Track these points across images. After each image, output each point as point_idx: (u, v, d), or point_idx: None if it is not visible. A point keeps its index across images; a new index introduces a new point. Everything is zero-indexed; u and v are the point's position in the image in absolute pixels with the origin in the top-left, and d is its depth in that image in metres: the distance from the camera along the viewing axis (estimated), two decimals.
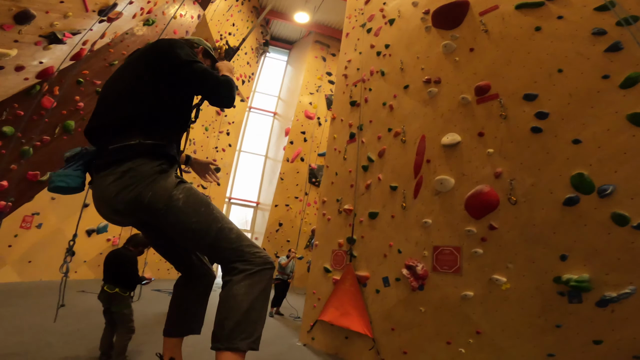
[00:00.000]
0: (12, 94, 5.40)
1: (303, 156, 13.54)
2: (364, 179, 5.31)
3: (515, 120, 3.83)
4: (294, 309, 8.14)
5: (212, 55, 1.94)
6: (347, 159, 5.69)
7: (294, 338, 5.90)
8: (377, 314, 4.65)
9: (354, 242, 5.23)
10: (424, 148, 4.49)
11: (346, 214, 5.47)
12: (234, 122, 14.16)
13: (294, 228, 13.34)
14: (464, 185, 4.11)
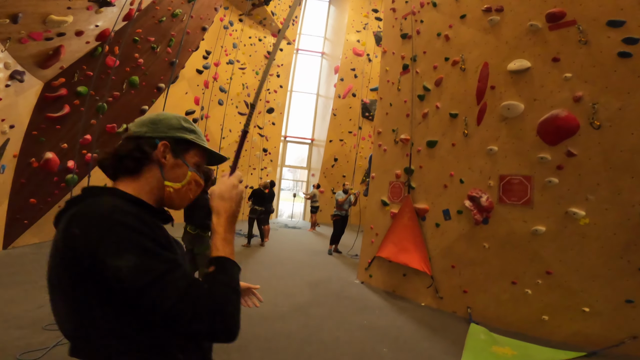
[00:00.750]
0: (79, 57, 5.80)
1: (354, 92, 13.41)
2: (421, 108, 5.05)
3: (598, 46, 3.40)
4: (344, 247, 8.49)
5: (191, 143, 1.01)
6: (401, 90, 5.45)
7: (352, 275, 6.16)
8: (436, 250, 4.63)
9: (412, 173, 5.08)
10: (487, 75, 4.15)
11: (403, 144, 5.27)
12: (282, 64, 14.29)
13: (349, 163, 13.44)
14: (535, 110, 3.73)
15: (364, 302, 4.74)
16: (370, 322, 4.06)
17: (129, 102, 7.37)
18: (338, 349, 3.33)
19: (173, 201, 0.98)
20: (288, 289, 5.06)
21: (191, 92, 10.35)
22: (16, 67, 4.90)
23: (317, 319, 4.02)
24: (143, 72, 7.31)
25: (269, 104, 13.71)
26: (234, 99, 12.36)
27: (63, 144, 5.94)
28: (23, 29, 4.51)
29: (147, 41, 7.07)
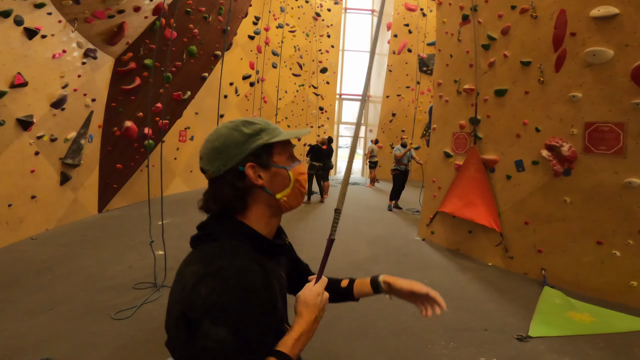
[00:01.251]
0: (141, 32, 6.12)
1: (410, 47, 12.95)
2: (485, 57, 4.68)
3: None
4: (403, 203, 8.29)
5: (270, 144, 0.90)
6: (462, 41, 5.09)
7: (413, 232, 6.04)
8: (507, 204, 4.34)
9: (478, 123, 4.74)
10: (564, 21, 3.77)
11: (467, 94, 4.92)
12: (332, 24, 14.17)
13: (408, 117, 13.13)
14: (628, 56, 3.30)
15: (424, 260, 4.67)
16: (431, 280, 4.00)
17: (190, 70, 7.69)
18: (397, 307, 3.28)
19: (292, 205, 0.93)
20: (347, 246, 5.15)
21: (246, 58, 10.57)
22: (88, 45, 5.31)
23: None
24: (199, 41, 7.54)
25: (322, 64, 13.63)
26: (287, 62, 12.50)
27: (139, 113, 6.47)
28: (86, 9, 4.80)
29: (198, 11, 7.21)
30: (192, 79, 7.92)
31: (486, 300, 3.54)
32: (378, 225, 6.48)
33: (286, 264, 1.08)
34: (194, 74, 7.95)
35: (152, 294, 3.29)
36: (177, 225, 5.67)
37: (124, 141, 6.32)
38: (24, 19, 4.07)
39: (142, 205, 6.80)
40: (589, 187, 3.56)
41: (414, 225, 6.48)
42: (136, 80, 6.31)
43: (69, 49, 4.93)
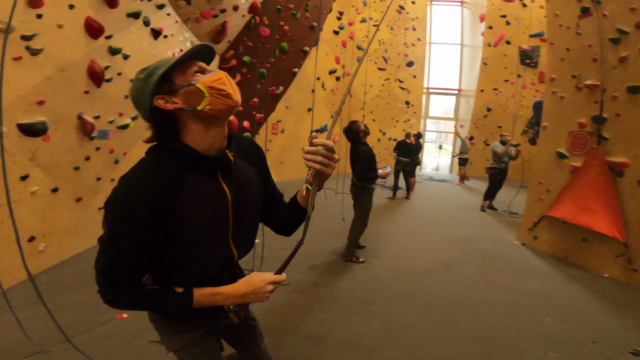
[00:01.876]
0: (239, 31, 6.58)
1: (509, 39, 11.92)
2: (615, 52, 4.10)
3: None
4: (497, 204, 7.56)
5: (165, 74, 0.97)
6: (582, 34, 4.52)
7: (510, 236, 5.57)
8: (636, 213, 3.78)
9: (604, 122, 4.14)
10: None
11: (589, 90, 4.33)
12: (417, 17, 13.64)
13: (506, 113, 12.08)
14: None
15: (523, 266, 4.29)
16: (530, 287, 3.68)
17: (282, 66, 8.10)
18: (487, 311, 3.14)
19: (218, 109, 0.98)
20: (434, 245, 4.96)
21: (331, 53, 10.76)
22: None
23: (465, 279, 3.84)
24: (289, 38, 7.86)
25: (408, 58, 13.17)
26: (371, 56, 12.40)
27: (239, 107, 7.03)
28: (196, 9, 5.32)
29: (287, 9, 7.51)
30: (284, 75, 8.32)
31: (597, 311, 3.18)
32: (468, 226, 6.09)
33: (243, 180, 1.12)
34: (286, 70, 8.34)
35: None
36: None
37: None
38: (150, 19, 4.54)
39: None
40: None
41: (511, 228, 5.96)
42: (237, 76, 6.85)
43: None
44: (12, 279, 3.03)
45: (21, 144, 3.08)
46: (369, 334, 2.72)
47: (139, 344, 2.43)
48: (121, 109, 4.31)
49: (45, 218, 3.39)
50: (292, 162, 9.69)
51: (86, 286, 3.21)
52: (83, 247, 3.97)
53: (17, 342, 2.31)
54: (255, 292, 1.05)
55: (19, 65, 2.94)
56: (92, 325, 2.61)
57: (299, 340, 2.60)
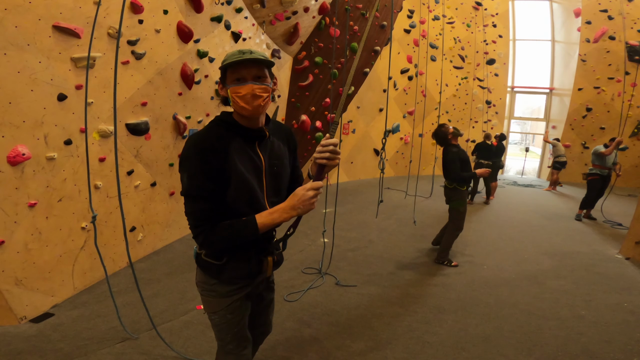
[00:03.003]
0: (311, 32, 6.73)
1: (613, 34, 10.68)
2: None
3: None
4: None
5: (223, 68, 1.31)
6: None
7: (611, 249, 4.80)
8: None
9: None
10: None
11: None
12: (497, 13, 12.72)
13: (611, 113, 10.63)
14: None
15: (627, 282, 3.70)
16: (634, 305, 3.17)
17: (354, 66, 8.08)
18: (579, 328, 2.75)
19: (237, 110, 1.30)
20: (518, 255, 4.47)
21: (403, 52, 10.48)
22: (274, 46, 6.17)
23: (555, 293, 3.40)
24: (359, 38, 7.82)
25: (488, 55, 12.25)
26: (447, 54, 11.79)
27: (312, 107, 7.19)
28: (270, 12, 5.54)
29: (356, 9, 7.48)
30: (355, 75, 8.31)
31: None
32: (561, 236, 5.37)
33: (276, 154, 1.41)
34: (357, 70, 8.31)
35: (316, 280, 3.51)
36: (339, 215, 5.97)
37: (300, 133, 7.14)
38: (230, 23, 4.80)
39: None
40: None
41: (613, 240, 5.15)
42: (309, 77, 7.02)
43: (261, 50, 5.85)
44: (114, 266, 3.40)
45: (129, 143, 3.48)
46: (436, 342, 2.54)
47: (213, 336, 2.56)
48: (208, 109, 4.66)
49: (144, 210, 3.78)
50: (362, 162, 9.62)
51: (175, 275, 3.47)
52: (174, 237, 4.33)
53: (112, 327, 2.54)
54: (301, 201, 1.24)
55: (127, 69, 3.32)
56: (176, 315, 2.78)
57: (362, 343, 2.53)
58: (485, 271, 3.90)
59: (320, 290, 3.31)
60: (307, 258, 4.05)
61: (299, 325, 2.73)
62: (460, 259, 4.22)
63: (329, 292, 3.28)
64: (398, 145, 10.93)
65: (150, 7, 3.45)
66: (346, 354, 2.39)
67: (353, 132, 9.25)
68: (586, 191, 6.45)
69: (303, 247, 4.42)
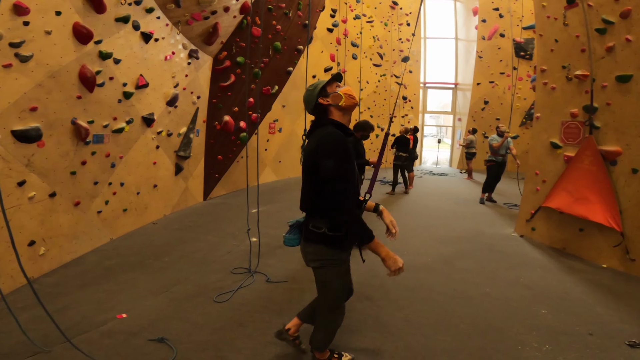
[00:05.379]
0: (232, 31, 6.58)
1: (502, 32, 12.02)
2: (602, 42, 4.12)
3: None
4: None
5: (324, 87, 1.95)
6: (570, 25, 4.55)
7: (508, 228, 5.56)
8: (631, 201, 3.78)
9: (595, 111, 4.14)
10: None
11: (579, 80, 4.35)
12: (411, 12, 13.65)
13: (503, 105, 12.12)
14: None
15: (521, 258, 4.29)
16: (528, 280, 3.67)
17: (277, 66, 8.07)
18: (485, 305, 3.13)
19: (350, 104, 1.89)
20: (433, 239, 4.95)
21: (326, 50, 10.73)
22: (191, 46, 5.90)
23: (464, 273, 3.84)
24: (282, 37, 7.83)
25: (403, 53, 13.20)
26: (366, 52, 12.36)
27: (235, 107, 7.03)
28: (186, 12, 5.29)
29: (279, 8, 7.48)
30: (278, 74, 8.31)
31: (595, 303, 3.18)
32: (468, 219, 6.09)
33: (306, 153, 1.89)
34: (280, 69, 8.32)
35: (246, 279, 3.52)
36: (268, 214, 6.04)
37: (223, 134, 6.94)
38: (139, 23, 4.54)
39: (237, 193, 7.42)
40: None
41: (510, 220, 5.96)
42: (231, 77, 6.84)
43: (177, 51, 5.54)
44: (14, 282, 3.07)
45: (17, 151, 3.10)
46: (365, 329, 2.73)
47: (138, 343, 2.46)
48: (115, 113, 4.32)
49: (44, 222, 3.42)
50: (290, 161, 9.68)
51: (89, 287, 3.26)
52: (85, 249, 4.00)
53: (19, 342, 2.35)
54: (396, 263, 1.78)
55: (9, 73, 2.96)
56: (93, 326, 2.65)
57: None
58: (405, 257, 4.14)
59: (251, 289, 3.34)
60: (235, 259, 4.04)
61: (231, 325, 2.74)
62: (389, 247, 4.53)
63: (260, 290, 3.33)
64: None
65: (39, 8, 3.10)
66: (281, 348, 2.45)
67: (279, 131, 9.27)
68: (486, 176, 7.41)
69: (231, 248, 4.40)
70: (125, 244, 4.41)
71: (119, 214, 4.60)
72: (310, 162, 1.80)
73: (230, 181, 7.66)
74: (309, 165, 1.82)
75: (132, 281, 3.44)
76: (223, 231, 5.05)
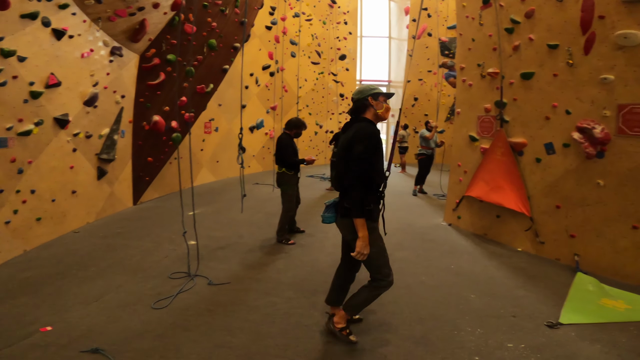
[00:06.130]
0: (162, 28, 6.25)
1: (430, 31, 12.74)
2: (509, 41, 4.57)
3: None
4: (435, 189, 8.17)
5: (377, 93, 2.44)
6: (484, 24, 4.98)
7: (439, 217, 5.97)
8: (537, 188, 4.23)
9: (504, 106, 4.63)
10: (592, 5, 3.67)
11: (491, 78, 4.82)
12: (348, 11, 14.01)
13: (431, 101, 12.99)
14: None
15: (451, 246, 4.63)
16: (457, 266, 3.95)
17: (212, 63, 7.80)
18: (422, 293, 3.30)
19: (384, 116, 2.40)
20: None
21: (264, 48, 10.61)
22: (113, 43, 5.47)
23: (401, 263, 4.01)
24: (218, 34, 7.62)
25: (341, 51, 13.50)
26: (305, 50, 12.45)
27: (165, 107, 6.65)
28: (108, 8, 4.91)
29: (215, 5, 7.27)
30: (213, 72, 8.04)
31: (515, 286, 3.47)
32: (402, 211, 6.46)
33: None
34: (216, 67, 8.06)
35: (186, 283, 3.41)
36: (207, 215, 5.85)
37: (154, 135, 6.54)
38: (50, 20, 4.16)
39: (172, 196, 7.05)
40: (625, 170, 3.42)
41: (440, 210, 6.41)
42: (161, 75, 6.47)
43: (96, 48, 5.10)
44: None
45: None
46: (313, 324, 2.76)
47: (69, 355, 2.29)
48: (20, 114, 3.90)
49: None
50: (228, 161, 9.42)
51: (4, 301, 2.96)
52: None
53: None
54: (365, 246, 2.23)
55: None
56: (14, 340, 2.43)
57: (243, 337, 2.59)
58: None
59: (192, 293, 3.25)
60: (173, 263, 3.89)
61: (175, 331, 2.65)
62: (325, 242, 4.67)
63: (202, 293, 3.25)
64: (264, 141, 11.12)
65: None
66: (228, 350, 2.42)
67: (216, 130, 8.98)
68: (418, 169, 7.94)
69: (167, 252, 4.22)
70: (43, 255, 4.03)
71: (32, 223, 4.18)
72: (345, 148, 2.30)
73: (163, 184, 7.27)
74: (346, 149, 2.28)
75: (55, 293, 3.19)
76: (158, 236, 4.81)
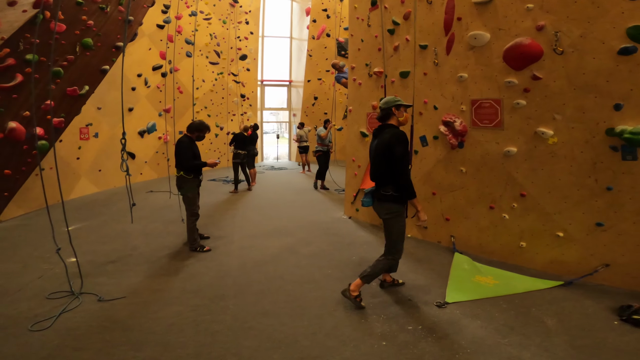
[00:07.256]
0: (19, 27, 5.35)
1: (329, 32, 13.27)
2: (391, 41, 4.99)
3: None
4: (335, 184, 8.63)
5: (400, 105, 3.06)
6: (372, 26, 5.36)
7: (340, 212, 6.28)
8: (416, 177, 4.70)
9: None
10: (453, 7, 4.18)
11: (377, 77, 5.27)
12: (250, 11, 13.80)
13: (330, 100, 13.53)
14: (501, 39, 3.77)
15: (351, 238, 4.86)
16: (358, 257, 4.15)
17: (88, 63, 6.94)
18: (330, 285, 3.40)
19: (404, 121, 3.08)
20: (278, 231, 5.21)
21: (155, 48, 9.82)
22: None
23: (308, 258, 4.13)
24: (95, 33, 6.84)
25: (241, 51, 13.22)
26: (202, 50, 11.89)
27: (25, 112, 5.67)
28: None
29: (93, 3, 6.53)
30: (90, 73, 7.12)
31: (408, 270, 3.72)
32: (307, 207, 6.66)
33: (376, 145, 3.07)
34: (93, 67, 7.16)
35: (70, 301, 3.04)
36: (91, 229, 5.25)
37: (10, 144, 5.52)
38: None
39: (42, 212, 6.03)
40: (479, 157, 4.05)
41: (340, 204, 6.73)
42: (17, 77, 5.50)
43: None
44: None
45: None
46: (224, 329, 2.68)
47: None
48: None
49: None
50: (114, 169, 8.18)
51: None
52: None
53: None
54: (424, 214, 3.03)
55: None
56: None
57: (149, 350, 2.41)
58: (254, 252, 4.34)
59: (80, 312, 2.92)
60: (50, 284, 3.41)
61: (64, 352, 2.38)
62: (230, 246, 4.57)
63: (92, 311, 2.93)
64: (157, 145, 10.25)
65: None
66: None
67: (95, 136, 7.97)
68: (318, 166, 8.32)
69: (42, 272, 3.69)
70: None
71: None
72: (384, 148, 2.88)
73: (30, 198, 6.21)
74: (384, 151, 2.89)
75: None
76: (28, 256, 4.16)
